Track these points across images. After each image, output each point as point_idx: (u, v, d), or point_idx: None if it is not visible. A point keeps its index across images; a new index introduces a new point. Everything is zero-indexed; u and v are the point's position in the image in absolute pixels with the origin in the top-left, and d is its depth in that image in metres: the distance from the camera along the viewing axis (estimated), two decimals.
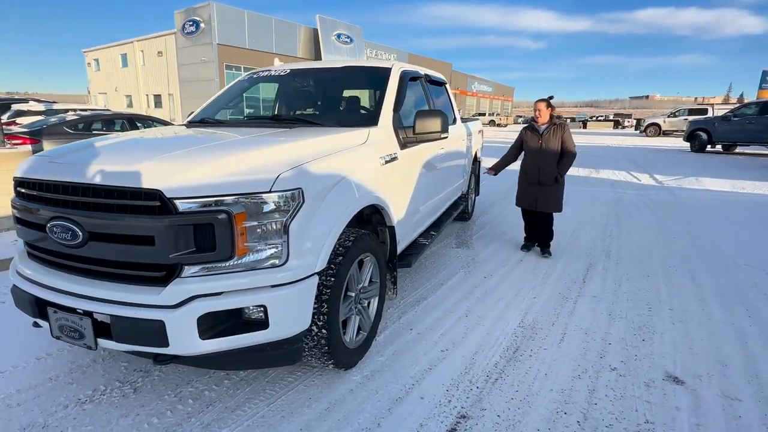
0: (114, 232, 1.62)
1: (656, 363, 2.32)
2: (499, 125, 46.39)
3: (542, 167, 3.89)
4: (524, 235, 4.38)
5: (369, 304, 2.47)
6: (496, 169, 4.25)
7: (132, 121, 8.69)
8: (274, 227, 1.68)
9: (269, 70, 3.36)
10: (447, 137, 2.83)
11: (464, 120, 5.28)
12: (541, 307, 3.01)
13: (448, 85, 4.42)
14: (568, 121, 51.55)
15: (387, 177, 2.46)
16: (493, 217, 5.66)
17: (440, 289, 3.31)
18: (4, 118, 9.54)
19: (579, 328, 2.71)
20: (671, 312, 2.93)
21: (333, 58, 30.17)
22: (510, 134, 29.01)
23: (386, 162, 2.44)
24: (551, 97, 4.02)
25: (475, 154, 5.43)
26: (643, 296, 3.19)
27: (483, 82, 60.93)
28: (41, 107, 9.86)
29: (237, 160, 1.76)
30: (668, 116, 25.14)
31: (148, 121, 8.97)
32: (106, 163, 1.72)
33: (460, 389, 2.10)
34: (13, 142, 6.98)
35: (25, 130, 7.58)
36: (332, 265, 1.96)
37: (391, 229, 2.56)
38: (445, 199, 3.93)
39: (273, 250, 1.69)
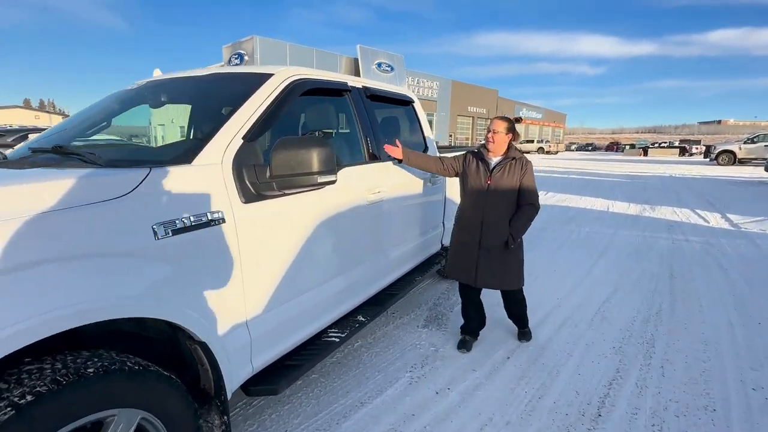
0: None
1: None
2: (548, 152, 43.91)
3: (487, 221, 2.54)
4: (463, 322, 2.87)
5: None
6: (404, 156, 2.69)
7: None
8: None
9: (132, 86, 2.43)
10: (333, 181, 1.69)
11: (451, 149, 4.10)
12: None
13: (416, 105, 3.28)
14: (626, 148, 47.86)
15: (183, 257, 1.35)
16: None
17: (353, 417, 2.08)
18: None
19: None
20: None
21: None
22: (560, 162, 26.88)
23: (178, 230, 1.34)
24: (518, 120, 2.75)
25: None
26: None
27: (532, 108, 58.78)
28: None
29: None
30: (744, 142, 22.03)
31: None
32: None
33: None
34: None
35: None
36: None
37: (205, 347, 1.44)
38: (391, 267, 2.73)
39: None
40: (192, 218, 1.38)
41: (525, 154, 2.62)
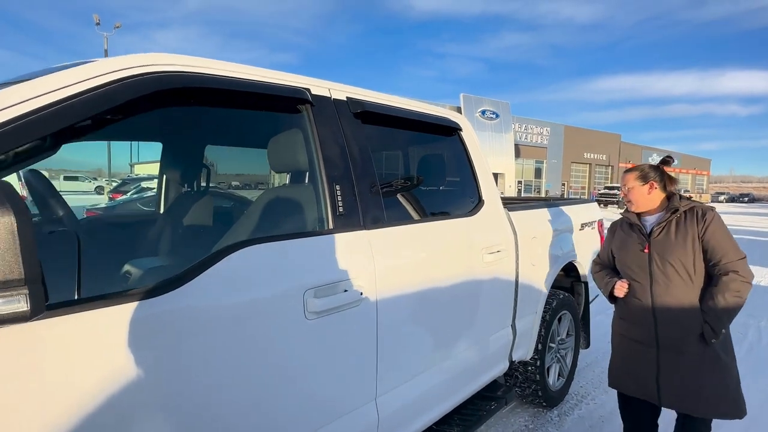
0: None
1: None
2: None
3: (660, 305, 1.68)
4: None
5: None
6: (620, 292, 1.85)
7: None
8: None
9: None
10: (21, 315, 0.57)
11: (546, 203, 2.71)
12: None
13: (464, 133, 2.04)
14: None
15: None
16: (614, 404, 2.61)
17: None
18: None
19: None
20: None
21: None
22: None
23: None
24: (667, 161, 1.75)
25: (573, 269, 2.74)
26: None
27: (664, 153, 51.43)
28: None
29: None
30: None
31: None
32: None
33: None
34: None
35: None
36: None
37: None
38: (377, 426, 1.43)
39: None
40: None
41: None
